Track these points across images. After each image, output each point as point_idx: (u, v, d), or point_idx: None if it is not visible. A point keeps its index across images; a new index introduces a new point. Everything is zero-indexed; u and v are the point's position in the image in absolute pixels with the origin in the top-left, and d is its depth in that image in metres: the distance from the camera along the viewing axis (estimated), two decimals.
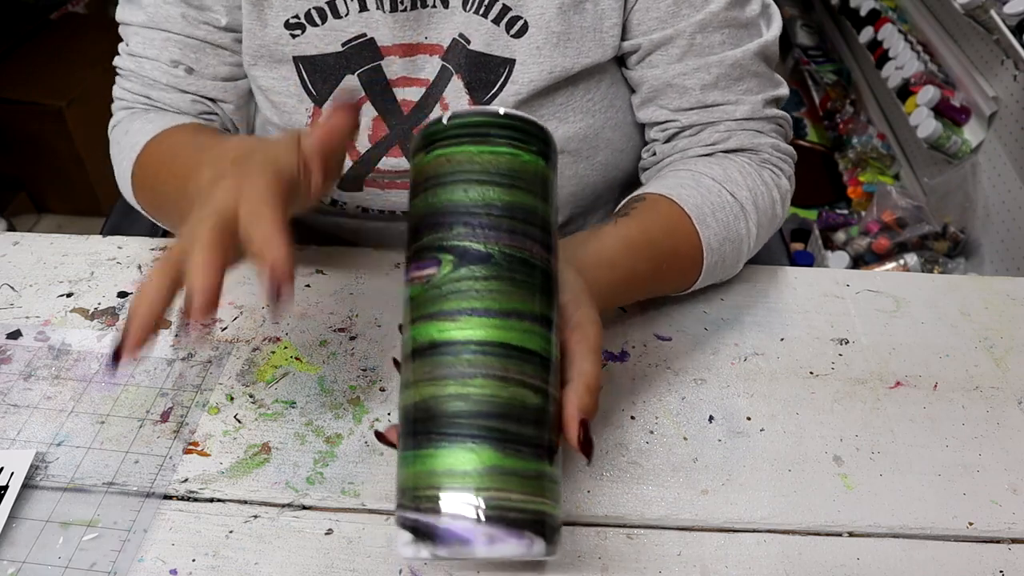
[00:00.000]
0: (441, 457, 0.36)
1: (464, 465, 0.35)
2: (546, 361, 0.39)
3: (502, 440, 0.36)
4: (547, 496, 0.37)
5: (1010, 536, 0.47)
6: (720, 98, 0.62)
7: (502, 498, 0.35)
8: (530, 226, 0.40)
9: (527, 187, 0.41)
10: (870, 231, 1.72)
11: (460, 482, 0.35)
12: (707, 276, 0.58)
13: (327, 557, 0.45)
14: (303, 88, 0.63)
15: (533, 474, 0.36)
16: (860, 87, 2.16)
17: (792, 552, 0.46)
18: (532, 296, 0.39)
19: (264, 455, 0.50)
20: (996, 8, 1.32)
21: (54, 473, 0.49)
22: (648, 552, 0.45)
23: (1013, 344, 0.58)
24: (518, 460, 0.36)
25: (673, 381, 0.55)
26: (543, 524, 0.37)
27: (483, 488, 0.35)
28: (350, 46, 0.61)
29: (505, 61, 0.61)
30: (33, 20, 2.05)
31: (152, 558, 0.44)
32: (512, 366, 0.37)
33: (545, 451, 0.38)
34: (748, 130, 0.63)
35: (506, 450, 0.36)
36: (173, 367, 0.55)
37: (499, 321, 0.37)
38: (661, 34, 0.61)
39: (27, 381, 0.54)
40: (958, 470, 0.50)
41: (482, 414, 0.36)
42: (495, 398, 0.36)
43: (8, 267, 0.64)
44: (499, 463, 0.36)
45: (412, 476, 0.37)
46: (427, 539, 0.36)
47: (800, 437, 0.52)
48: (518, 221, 0.40)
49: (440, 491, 0.36)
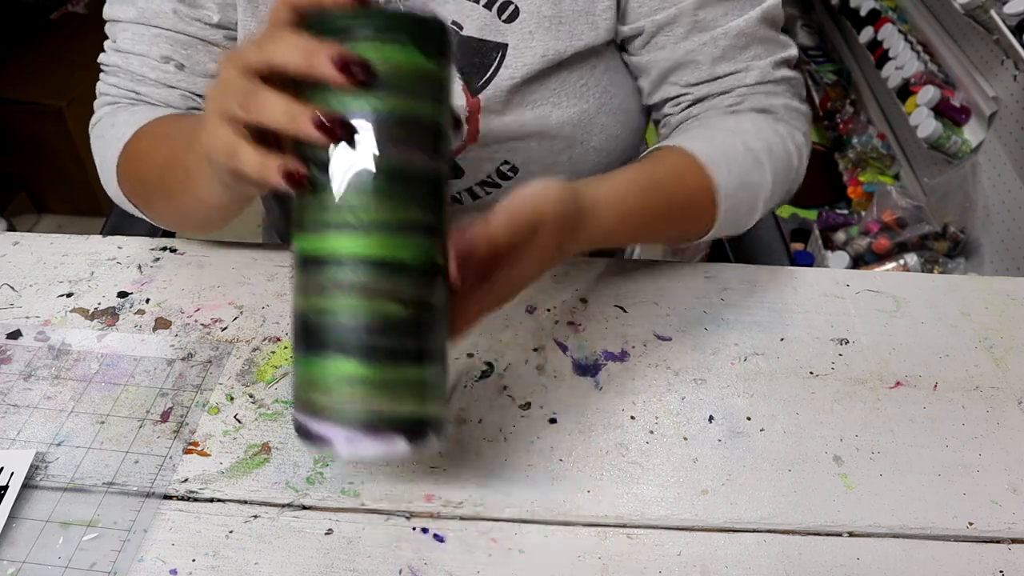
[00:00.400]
0: (314, 366, 0.38)
1: (333, 374, 0.38)
2: (423, 270, 0.39)
3: (367, 352, 0.38)
4: (413, 399, 0.39)
5: (1010, 536, 0.47)
6: (730, 68, 0.63)
7: (365, 407, 0.38)
8: (413, 132, 0.39)
9: (408, 91, 0.39)
10: (870, 231, 1.72)
11: (328, 390, 0.38)
12: (724, 222, 0.58)
13: (327, 557, 0.45)
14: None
15: (398, 381, 0.38)
16: (860, 87, 2.16)
17: (792, 552, 0.46)
18: (407, 206, 0.39)
19: (264, 455, 0.50)
20: (996, 8, 1.31)
21: (54, 473, 0.49)
22: (648, 552, 0.45)
23: (1013, 344, 0.58)
24: (382, 370, 0.38)
25: (673, 381, 0.55)
26: (406, 425, 0.39)
27: (348, 398, 0.38)
28: None
29: (498, 46, 0.61)
30: (33, 20, 2.05)
31: (152, 558, 0.44)
32: (378, 281, 0.38)
33: (413, 358, 0.39)
34: (760, 93, 0.64)
35: (370, 362, 0.38)
36: (173, 367, 0.55)
37: (366, 236, 0.38)
38: (664, 14, 0.61)
39: (27, 381, 0.54)
40: (958, 470, 0.50)
41: (347, 328, 0.38)
42: (359, 313, 0.38)
43: (8, 267, 0.64)
44: (363, 374, 0.38)
45: (297, 378, 0.40)
46: (304, 437, 0.39)
47: (800, 437, 0.52)
48: (398, 128, 0.38)
49: (312, 396, 0.39)
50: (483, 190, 0.67)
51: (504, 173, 0.65)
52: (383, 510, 0.47)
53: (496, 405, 0.53)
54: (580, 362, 0.56)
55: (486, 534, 0.46)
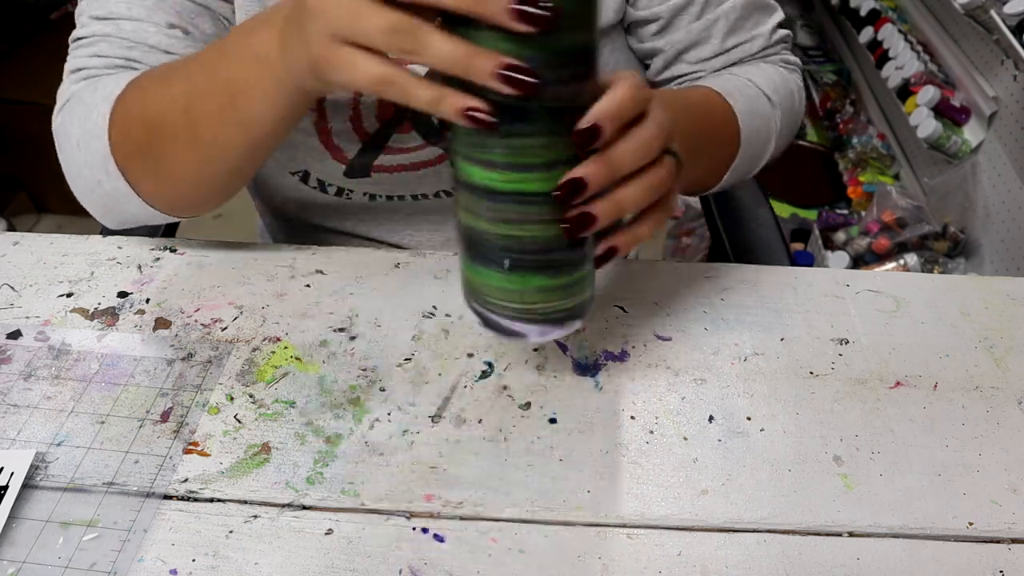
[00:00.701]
0: (491, 276, 0.44)
1: (525, 286, 0.44)
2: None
3: (532, 267, 0.44)
4: (577, 292, 0.46)
5: (1010, 536, 0.47)
6: (738, 39, 0.66)
7: (554, 307, 0.45)
8: (581, 63, 0.40)
9: (572, 25, 0.38)
10: (870, 231, 1.72)
11: (510, 297, 0.45)
12: (746, 149, 0.60)
13: (327, 557, 0.45)
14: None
15: (574, 282, 0.45)
16: (860, 87, 2.16)
17: (792, 552, 0.46)
18: (567, 143, 0.40)
19: (264, 455, 0.50)
20: (996, 8, 1.31)
21: (54, 473, 0.49)
22: (648, 552, 0.45)
23: (1013, 344, 0.58)
24: (562, 277, 0.45)
25: (673, 381, 0.55)
26: (576, 311, 0.47)
27: (541, 301, 0.45)
28: None
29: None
30: (33, 20, 2.05)
31: (152, 558, 0.44)
32: (532, 210, 0.42)
33: (581, 261, 0.45)
34: (761, 57, 0.68)
35: (537, 274, 0.44)
36: (173, 367, 0.55)
37: (546, 173, 0.41)
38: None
39: (27, 381, 0.54)
40: (958, 470, 0.50)
41: (511, 248, 0.43)
42: (518, 238, 0.43)
43: (8, 267, 0.64)
44: (550, 283, 0.44)
45: (476, 281, 0.45)
46: (496, 330, 0.46)
47: (800, 437, 0.52)
48: (570, 66, 0.39)
49: (505, 301, 0.45)
50: None
51: None
52: (383, 510, 0.47)
53: (496, 405, 0.53)
54: (580, 362, 0.56)
55: (486, 534, 0.46)
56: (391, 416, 0.52)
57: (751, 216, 0.89)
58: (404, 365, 0.56)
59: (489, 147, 0.40)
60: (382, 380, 0.55)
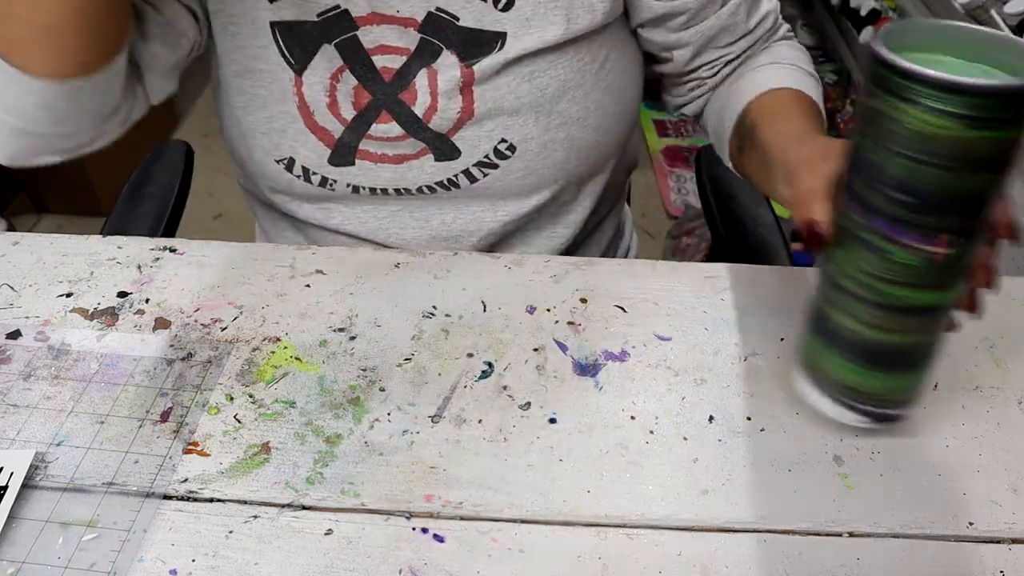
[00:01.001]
0: (888, 379, 0.47)
1: (899, 384, 0.48)
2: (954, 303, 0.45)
3: (920, 368, 0.48)
4: (924, 383, 0.49)
5: (1010, 536, 0.47)
6: (758, 18, 0.69)
7: (910, 398, 0.49)
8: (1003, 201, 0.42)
9: (1008, 167, 0.40)
10: None
11: (881, 391, 0.48)
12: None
13: (327, 557, 0.45)
14: (282, 56, 0.63)
15: (924, 378, 0.49)
16: (860, 87, 2.16)
17: (792, 552, 0.46)
18: (964, 267, 0.44)
19: (264, 455, 0.50)
20: (996, 8, 1.32)
21: (54, 473, 0.49)
22: (648, 552, 0.45)
23: (1013, 344, 0.58)
24: (920, 375, 0.48)
25: (673, 381, 0.55)
26: (917, 399, 0.50)
27: (904, 393, 0.49)
28: (325, 17, 0.62)
29: (497, 35, 0.62)
30: None
31: (152, 558, 0.44)
32: (933, 322, 0.45)
33: (932, 360, 0.48)
34: (776, 28, 0.72)
35: (920, 373, 0.48)
36: (173, 367, 0.55)
37: (943, 292, 0.44)
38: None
39: (27, 381, 0.54)
40: (958, 470, 0.50)
41: (915, 354, 0.47)
42: (928, 345, 0.46)
43: (8, 267, 0.64)
44: (914, 382, 0.48)
45: (863, 382, 0.47)
46: (865, 416, 0.49)
47: (800, 437, 0.52)
48: (997, 204, 0.41)
49: (890, 398, 0.48)
50: (481, 172, 0.67)
51: (502, 152, 0.65)
52: (383, 510, 0.47)
53: (496, 405, 0.53)
54: (580, 362, 0.56)
55: (486, 534, 0.46)
56: (391, 416, 0.52)
57: (751, 216, 0.88)
58: (404, 365, 0.56)
59: (919, 273, 0.42)
60: (382, 380, 0.55)
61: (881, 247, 0.42)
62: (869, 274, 0.43)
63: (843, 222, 0.43)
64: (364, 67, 0.63)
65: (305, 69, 0.63)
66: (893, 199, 0.40)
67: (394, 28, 0.62)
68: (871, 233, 0.42)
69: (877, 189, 0.41)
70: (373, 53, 0.63)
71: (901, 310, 0.44)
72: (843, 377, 0.48)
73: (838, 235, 0.44)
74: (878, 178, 0.40)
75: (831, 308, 0.46)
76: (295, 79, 0.64)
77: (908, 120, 0.38)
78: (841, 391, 0.48)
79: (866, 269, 0.43)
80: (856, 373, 0.47)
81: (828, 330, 0.47)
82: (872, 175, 0.41)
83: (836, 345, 0.47)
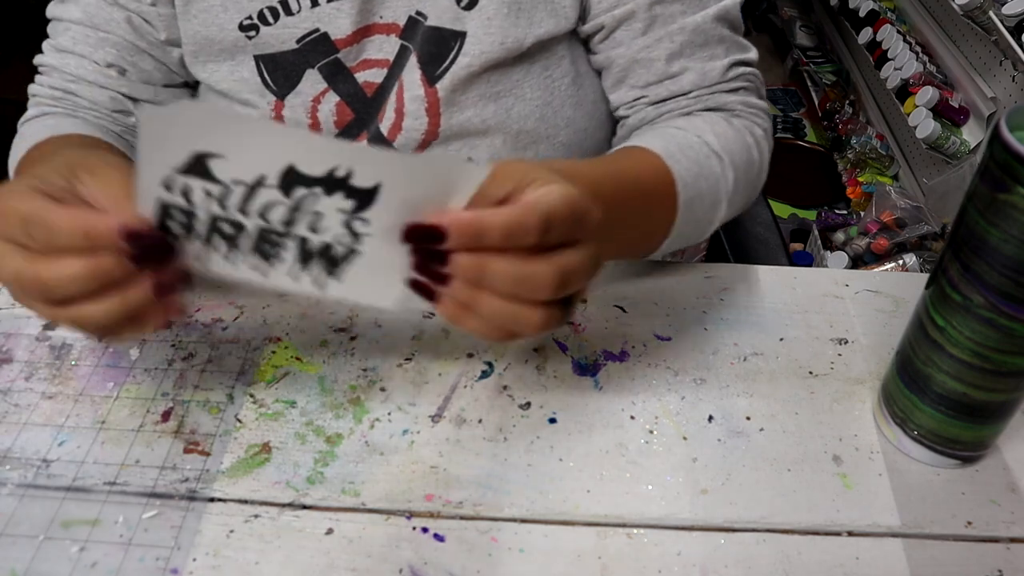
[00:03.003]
0: (979, 430, 0.49)
1: (988, 433, 0.49)
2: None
3: (992, 418, 0.49)
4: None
5: (1008, 535, 0.47)
6: (686, 65, 0.62)
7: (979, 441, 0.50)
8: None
9: None
10: (869, 231, 1.72)
11: (985, 440, 0.50)
12: (685, 215, 0.56)
13: (327, 557, 0.45)
14: (264, 84, 0.63)
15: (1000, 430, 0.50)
16: (859, 88, 2.17)
17: (792, 552, 0.46)
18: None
19: (264, 455, 0.50)
20: (994, 9, 1.32)
21: (54, 473, 0.49)
22: (648, 552, 0.45)
23: None
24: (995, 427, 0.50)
25: (673, 381, 0.55)
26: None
27: (990, 442, 0.51)
28: (305, 42, 0.62)
29: (456, 34, 0.61)
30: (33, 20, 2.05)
31: (152, 558, 0.44)
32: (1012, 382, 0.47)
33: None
34: (717, 93, 0.63)
35: (997, 422, 0.49)
36: (173, 367, 0.55)
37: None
38: (622, 9, 0.61)
39: (27, 381, 0.54)
40: (957, 469, 0.50)
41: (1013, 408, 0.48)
42: (986, 401, 0.47)
43: None
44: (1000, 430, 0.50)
45: (958, 432, 0.48)
46: (952, 459, 0.50)
47: (800, 437, 0.52)
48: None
49: (977, 443, 0.50)
50: None
51: None
52: (383, 510, 0.47)
53: (496, 405, 0.53)
54: (580, 362, 0.56)
55: (486, 534, 0.46)
56: (391, 416, 0.52)
57: (750, 216, 0.89)
58: (404, 365, 0.56)
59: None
60: (382, 380, 0.55)
61: (1005, 325, 0.43)
62: (985, 346, 0.44)
63: (957, 299, 0.44)
64: (347, 84, 0.63)
65: (288, 94, 0.64)
66: (1021, 283, 0.41)
67: (375, 39, 0.62)
68: (993, 312, 0.43)
69: (1006, 276, 0.41)
70: (356, 70, 0.63)
71: (1006, 374, 0.45)
72: (936, 427, 0.49)
73: (950, 309, 0.45)
74: (1008, 264, 0.41)
75: (933, 370, 0.47)
76: (275, 103, 0.64)
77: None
78: (933, 439, 0.49)
79: (982, 342, 0.44)
80: (952, 425, 0.48)
81: (929, 389, 0.48)
82: (1001, 261, 0.41)
83: (936, 401, 0.48)
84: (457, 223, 0.37)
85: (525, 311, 0.39)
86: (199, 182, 0.39)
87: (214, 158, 0.38)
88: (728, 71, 0.63)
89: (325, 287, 0.42)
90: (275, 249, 0.41)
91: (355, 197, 0.39)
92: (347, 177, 0.38)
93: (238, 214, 0.40)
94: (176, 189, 0.39)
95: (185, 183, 0.39)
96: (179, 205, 0.40)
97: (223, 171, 0.38)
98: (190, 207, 0.40)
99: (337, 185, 0.38)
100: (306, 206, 0.39)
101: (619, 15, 0.61)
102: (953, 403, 0.47)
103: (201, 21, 0.62)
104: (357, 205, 0.39)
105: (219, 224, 0.41)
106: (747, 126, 0.63)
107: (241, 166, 0.38)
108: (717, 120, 0.61)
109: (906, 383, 0.49)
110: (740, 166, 0.60)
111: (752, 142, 0.62)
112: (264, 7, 0.61)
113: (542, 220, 0.37)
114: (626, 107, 0.65)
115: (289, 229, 0.40)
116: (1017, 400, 0.47)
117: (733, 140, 0.60)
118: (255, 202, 0.39)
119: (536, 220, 0.37)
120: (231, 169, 0.38)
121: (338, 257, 0.41)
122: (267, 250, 0.42)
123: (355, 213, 0.39)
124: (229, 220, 0.40)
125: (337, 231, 0.40)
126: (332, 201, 0.39)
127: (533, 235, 0.37)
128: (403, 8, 0.61)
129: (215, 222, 0.40)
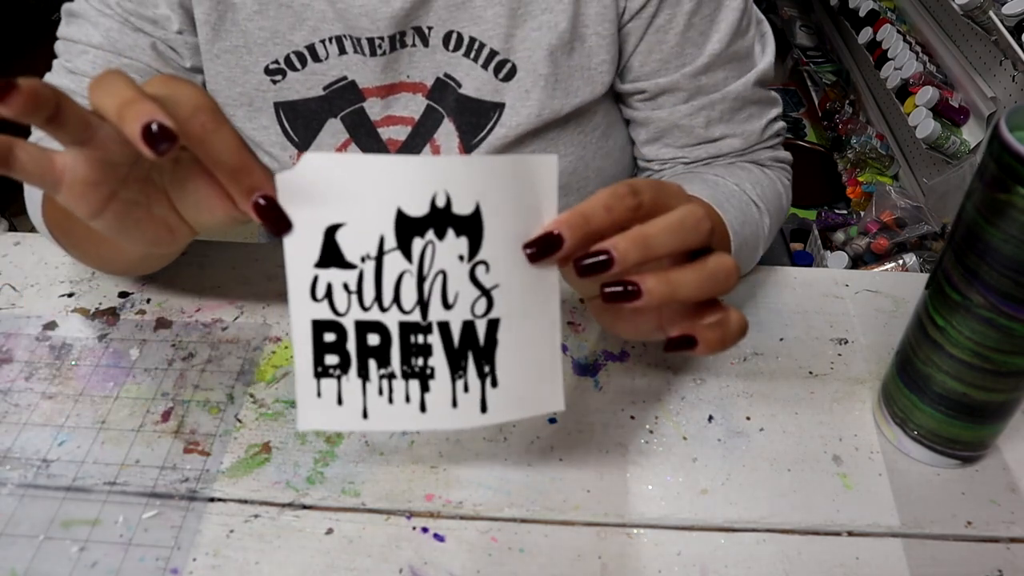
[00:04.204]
0: (979, 430, 0.49)
1: (988, 433, 0.49)
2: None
3: (993, 418, 0.49)
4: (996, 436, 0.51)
5: (1008, 535, 0.47)
6: (724, 131, 0.63)
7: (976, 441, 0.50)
8: None
9: None
10: (869, 231, 1.72)
11: (985, 440, 0.50)
12: (735, 258, 0.58)
13: (327, 557, 0.45)
14: (284, 135, 0.63)
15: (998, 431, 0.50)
16: (859, 88, 2.17)
17: (791, 551, 0.46)
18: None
19: (264, 455, 0.50)
20: (994, 9, 1.32)
21: (55, 473, 0.49)
22: (648, 552, 0.45)
23: None
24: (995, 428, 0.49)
25: (673, 381, 0.55)
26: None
27: (990, 442, 0.51)
28: (331, 89, 0.61)
29: (495, 106, 0.61)
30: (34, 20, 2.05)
31: (152, 558, 0.45)
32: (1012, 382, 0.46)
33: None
34: (753, 152, 0.65)
35: (995, 425, 0.49)
36: (173, 367, 0.55)
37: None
38: (667, 79, 0.61)
39: (27, 381, 0.54)
40: (957, 469, 0.50)
41: (1005, 409, 0.48)
42: (985, 401, 0.47)
43: (9, 267, 0.64)
44: (992, 429, 0.49)
45: (958, 432, 0.48)
46: (952, 459, 0.50)
47: (800, 437, 0.52)
48: None
49: (977, 443, 0.50)
50: None
51: None
52: (383, 510, 0.47)
53: None
54: (580, 362, 0.56)
55: (486, 534, 0.46)
56: None
57: None
58: None
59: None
60: None
61: (1005, 325, 0.43)
62: (984, 346, 0.44)
63: (957, 298, 0.44)
64: (371, 138, 0.63)
65: (308, 145, 0.63)
66: (1021, 283, 0.41)
67: (401, 97, 0.62)
68: (993, 312, 0.43)
69: (1006, 276, 0.41)
70: (379, 125, 0.62)
71: (1006, 374, 0.45)
72: (936, 427, 0.49)
73: (950, 309, 0.45)
74: (1008, 264, 0.41)
75: (933, 370, 0.47)
76: (296, 155, 0.63)
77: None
78: (933, 438, 0.49)
79: (982, 342, 0.44)
80: (952, 425, 0.48)
81: (929, 389, 0.48)
82: (1001, 261, 0.41)
83: (936, 400, 0.48)
84: (568, 222, 0.37)
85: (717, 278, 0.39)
86: (337, 274, 0.35)
87: (339, 230, 0.35)
88: (765, 131, 0.65)
89: (487, 406, 0.37)
90: (423, 359, 0.37)
91: (464, 231, 0.35)
92: (448, 206, 0.35)
93: (376, 310, 0.36)
94: (320, 292, 0.36)
95: (328, 283, 0.36)
96: (328, 320, 0.36)
97: (350, 247, 0.35)
98: (336, 317, 0.36)
99: (444, 220, 0.35)
100: (429, 265, 0.35)
101: (664, 84, 0.61)
102: (953, 403, 0.47)
103: (224, 62, 0.61)
104: (470, 244, 0.36)
105: (367, 337, 0.36)
106: (778, 176, 0.66)
107: (362, 230, 0.35)
108: (752, 169, 0.63)
109: (906, 383, 0.49)
110: (774, 214, 0.62)
111: (782, 190, 0.65)
112: (290, 52, 0.60)
113: (630, 186, 0.37)
114: (659, 163, 0.66)
115: (427, 314, 0.36)
116: (1017, 400, 0.47)
117: (768, 188, 0.63)
118: (386, 281, 0.36)
119: (625, 187, 0.37)
120: (355, 240, 0.35)
121: (482, 338, 0.37)
122: (416, 364, 0.37)
123: (472, 257, 0.36)
124: (372, 323, 0.36)
125: (466, 291, 0.36)
126: (448, 246, 0.35)
127: (628, 198, 0.37)
128: (431, 69, 0.61)
129: (363, 336, 0.36)
